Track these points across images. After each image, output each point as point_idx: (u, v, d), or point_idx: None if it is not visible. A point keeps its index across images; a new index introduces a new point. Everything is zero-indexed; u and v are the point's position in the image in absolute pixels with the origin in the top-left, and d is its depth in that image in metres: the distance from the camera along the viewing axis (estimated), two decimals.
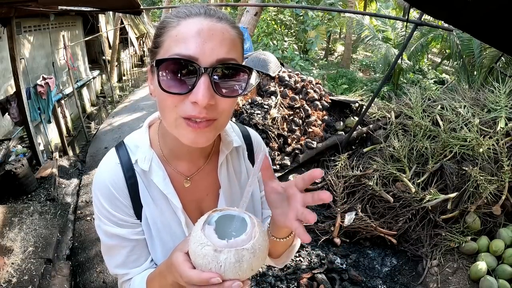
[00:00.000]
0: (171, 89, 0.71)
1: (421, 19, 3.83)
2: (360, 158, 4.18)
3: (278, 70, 5.09)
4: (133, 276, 0.92)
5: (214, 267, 0.66)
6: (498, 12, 1.06)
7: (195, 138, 0.75)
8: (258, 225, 0.73)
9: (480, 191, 3.32)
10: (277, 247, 0.94)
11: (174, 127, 0.76)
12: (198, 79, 0.69)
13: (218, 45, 0.71)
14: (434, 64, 17.37)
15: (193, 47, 0.69)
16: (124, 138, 0.94)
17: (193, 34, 0.70)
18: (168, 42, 0.72)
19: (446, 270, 3.17)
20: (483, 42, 6.43)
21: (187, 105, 0.71)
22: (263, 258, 0.71)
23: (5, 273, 2.93)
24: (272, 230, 0.85)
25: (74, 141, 8.43)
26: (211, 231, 0.70)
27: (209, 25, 0.71)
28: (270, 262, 1.03)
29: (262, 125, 4.26)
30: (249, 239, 0.69)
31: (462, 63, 8.91)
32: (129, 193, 0.88)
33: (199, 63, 0.69)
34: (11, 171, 4.23)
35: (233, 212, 0.77)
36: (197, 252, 0.68)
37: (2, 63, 6.02)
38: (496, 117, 3.73)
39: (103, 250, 0.93)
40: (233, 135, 0.99)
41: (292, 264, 3.29)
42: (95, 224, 0.91)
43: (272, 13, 14.07)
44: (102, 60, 11.89)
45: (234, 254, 0.66)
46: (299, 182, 0.73)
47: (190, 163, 0.93)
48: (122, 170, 0.88)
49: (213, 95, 0.71)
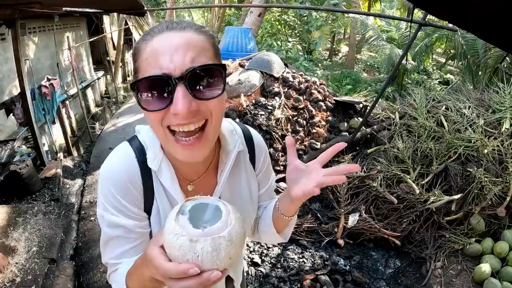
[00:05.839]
0: (151, 106, 0.74)
1: (425, 20, 3.80)
2: (364, 159, 4.16)
3: (282, 71, 5.08)
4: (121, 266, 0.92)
5: (191, 257, 0.65)
6: (502, 12, 1.05)
7: (189, 155, 0.79)
8: (233, 212, 0.72)
9: (484, 193, 3.29)
10: (281, 224, 1.05)
11: (166, 143, 0.80)
12: (174, 91, 0.72)
13: (185, 53, 0.73)
14: (439, 65, 17.30)
15: (163, 64, 0.72)
16: (136, 132, 0.96)
17: (161, 52, 0.72)
18: (143, 67, 0.75)
19: (450, 272, 3.14)
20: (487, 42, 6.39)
21: (170, 117, 0.74)
22: (241, 245, 0.71)
23: (9, 272, 2.94)
24: (282, 210, 0.99)
25: (79, 141, 8.46)
26: (185, 221, 0.69)
27: (173, 37, 0.74)
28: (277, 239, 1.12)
29: (266, 126, 4.26)
30: (225, 227, 0.68)
31: (466, 64, 8.86)
32: (143, 187, 0.90)
33: (171, 76, 0.71)
34: (15, 171, 4.26)
35: (206, 200, 0.76)
36: (172, 244, 0.66)
37: (7, 64, 6.05)
38: (501, 118, 3.70)
39: (103, 240, 0.94)
40: (234, 140, 0.99)
41: (296, 265, 3.28)
42: (98, 214, 0.92)
43: (276, 13, 14.09)
44: (106, 61, 11.92)
45: (211, 243, 0.65)
46: (323, 156, 0.87)
47: (192, 170, 0.96)
48: (138, 164, 0.90)
49: (192, 101, 0.73)
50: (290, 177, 0.90)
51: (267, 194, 1.16)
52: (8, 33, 5.04)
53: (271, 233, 1.09)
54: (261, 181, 1.12)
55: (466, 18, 1.28)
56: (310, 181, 0.85)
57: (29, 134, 5.74)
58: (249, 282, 3.07)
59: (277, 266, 3.27)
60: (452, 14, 1.31)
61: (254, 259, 3.28)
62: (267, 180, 1.15)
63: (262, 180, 1.13)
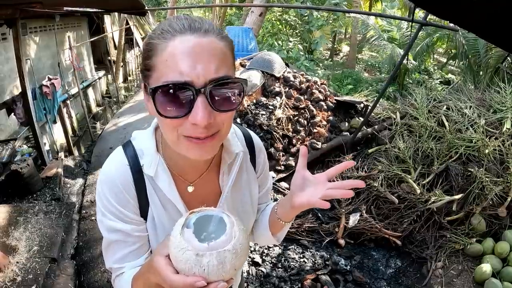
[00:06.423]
0: (169, 113, 0.72)
1: (427, 19, 3.80)
2: (365, 159, 4.16)
3: (283, 71, 5.08)
4: (126, 270, 0.94)
5: (198, 271, 0.66)
6: (503, 12, 1.05)
7: (200, 152, 0.78)
8: (237, 224, 0.73)
9: (485, 193, 3.29)
10: (277, 228, 1.08)
11: (177, 145, 0.79)
12: (194, 101, 0.71)
13: (209, 63, 0.71)
14: (440, 64, 17.27)
15: (185, 70, 0.69)
16: (131, 138, 0.96)
17: (183, 57, 0.70)
18: (161, 68, 0.72)
19: (450, 272, 3.14)
20: (488, 42, 6.38)
21: (187, 126, 0.74)
22: (245, 256, 0.72)
23: (10, 272, 2.95)
24: (280, 214, 1.00)
25: (80, 141, 8.46)
26: (190, 235, 0.70)
27: (196, 42, 0.71)
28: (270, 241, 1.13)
29: (267, 126, 4.26)
30: (230, 240, 0.70)
31: (467, 63, 8.86)
32: (137, 194, 0.91)
33: (193, 85, 0.70)
34: (16, 171, 4.26)
35: (210, 212, 0.77)
36: (179, 257, 0.68)
37: (8, 63, 6.05)
38: (502, 118, 3.70)
39: (104, 245, 0.95)
40: (235, 142, 1.00)
41: (296, 265, 3.28)
42: (98, 220, 0.93)
43: (277, 13, 14.07)
44: (107, 61, 11.93)
45: (216, 257, 0.66)
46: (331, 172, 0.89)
47: (193, 171, 0.96)
48: (130, 172, 0.90)
49: (211, 113, 0.72)
50: (296, 183, 0.91)
51: (265, 196, 1.18)
52: (9, 32, 5.04)
53: (266, 235, 1.11)
54: (261, 183, 1.14)
55: (467, 18, 1.28)
56: (316, 192, 0.87)
57: (30, 133, 5.75)
58: (249, 281, 3.07)
59: (278, 265, 3.27)
60: (453, 14, 1.31)
61: (255, 258, 3.28)
62: (266, 181, 1.16)
63: (262, 182, 1.14)
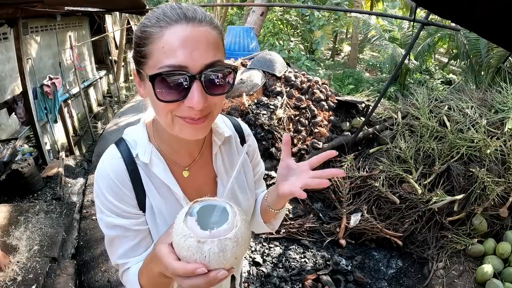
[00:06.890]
0: (166, 98, 0.78)
1: (428, 19, 3.79)
2: (366, 159, 4.15)
3: (284, 70, 5.07)
4: (131, 265, 0.95)
5: (199, 257, 0.68)
6: (505, 11, 1.04)
7: (194, 132, 0.84)
8: (240, 214, 0.75)
9: (487, 193, 3.28)
10: (269, 216, 1.10)
11: (171, 126, 0.84)
12: (190, 86, 0.77)
13: (204, 50, 0.77)
14: (441, 64, 17.24)
15: (181, 57, 0.75)
16: (123, 135, 1.00)
17: (180, 44, 0.75)
18: (157, 55, 0.77)
19: (452, 272, 3.13)
20: (490, 42, 6.36)
21: (183, 109, 0.79)
22: (246, 246, 0.74)
23: (11, 271, 2.95)
24: (269, 203, 1.03)
25: (81, 140, 8.48)
26: (193, 223, 0.72)
27: (192, 31, 0.77)
28: (264, 229, 1.17)
29: (268, 125, 4.25)
30: (231, 228, 0.72)
31: (469, 63, 8.82)
32: (133, 185, 0.93)
33: (189, 71, 0.75)
34: (17, 170, 4.27)
35: (214, 202, 0.80)
36: (181, 244, 0.69)
37: (9, 63, 6.06)
38: (504, 118, 3.69)
39: (106, 242, 0.98)
40: (223, 126, 1.06)
41: (297, 265, 3.27)
42: (97, 217, 0.95)
43: (278, 13, 14.07)
44: (108, 60, 11.94)
45: (218, 244, 0.68)
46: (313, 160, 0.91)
47: (186, 155, 1.00)
48: (124, 163, 0.93)
49: (206, 97, 0.79)
50: (280, 173, 0.95)
51: (260, 181, 1.23)
52: (10, 32, 5.04)
53: (259, 222, 1.15)
54: (254, 166, 1.18)
55: (469, 17, 1.27)
56: (298, 182, 0.90)
57: (31, 133, 5.76)
58: (250, 281, 3.07)
59: (279, 266, 3.26)
60: (455, 13, 1.31)
61: (256, 258, 3.28)
62: (258, 165, 1.21)
63: (255, 165, 1.19)
